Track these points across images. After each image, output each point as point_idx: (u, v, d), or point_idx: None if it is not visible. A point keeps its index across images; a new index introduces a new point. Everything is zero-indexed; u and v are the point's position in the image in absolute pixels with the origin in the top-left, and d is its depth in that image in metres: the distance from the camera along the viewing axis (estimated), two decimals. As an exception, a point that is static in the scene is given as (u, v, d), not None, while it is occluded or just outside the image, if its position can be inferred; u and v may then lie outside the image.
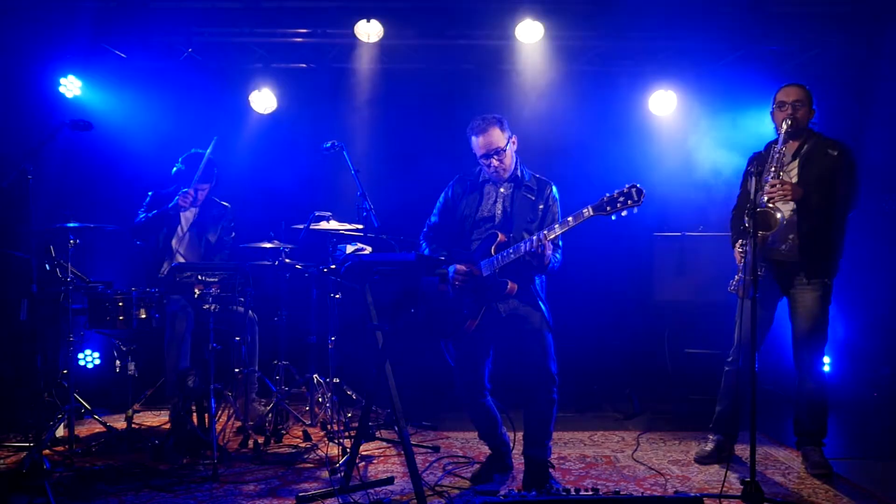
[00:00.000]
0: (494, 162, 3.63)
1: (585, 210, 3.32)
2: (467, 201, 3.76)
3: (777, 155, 3.84)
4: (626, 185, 3.24)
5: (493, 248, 3.54)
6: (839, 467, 3.88)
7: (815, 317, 3.88)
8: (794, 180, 3.82)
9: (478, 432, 3.89)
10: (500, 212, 3.69)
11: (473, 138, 3.65)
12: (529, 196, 3.67)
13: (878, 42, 5.39)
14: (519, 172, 3.72)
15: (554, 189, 3.73)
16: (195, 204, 4.89)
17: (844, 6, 5.41)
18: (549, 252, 3.43)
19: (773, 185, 3.76)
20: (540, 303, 3.63)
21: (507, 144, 3.63)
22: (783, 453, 4.22)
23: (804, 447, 3.97)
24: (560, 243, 3.63)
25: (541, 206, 3.66)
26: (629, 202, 3.23)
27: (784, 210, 3.80)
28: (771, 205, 3.75)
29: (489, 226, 3.69)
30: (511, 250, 3.46)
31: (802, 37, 5.70)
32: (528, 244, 3.42)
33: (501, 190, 3.71)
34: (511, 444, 3.87)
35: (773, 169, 3.82)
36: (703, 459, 4.06)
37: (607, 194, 3.28)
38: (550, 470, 3.72)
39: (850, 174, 3.85)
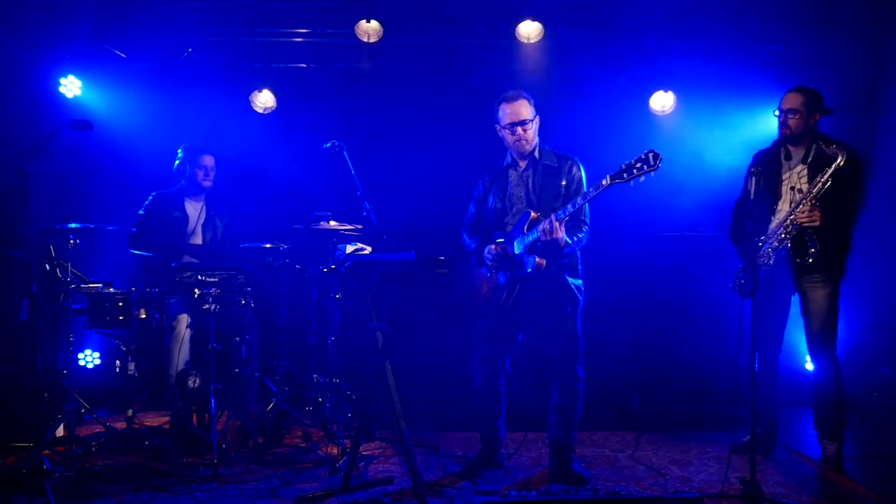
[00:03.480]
0: (519, 130, 3.72)
1: (604, 179, 3.39)
2: (496, 188, 3.88)
3: (795, 170, 3.97)
4: (644, 151, 3.31)
5: (526, 226, 3.63)
6: (839, 467, 3.89)
7: (828, 315, 3.95)
8: (805, 184, 3.90)
9: (477, 419, 3.91)
10: (523, 193, 3.79)
11: (503, 106, 3.77)
12: (551, 174, 3.76)
13: (883, 42, 5.38)
14: (537, 153, 3.80)
15: (578, 164, 3.81)
16: (207, 176, 4.96)
17: (844, 6, 5.40)
18: (560, 235, 3.47)
19: (803, 211, 3.85)
20: (575, 288, 3.71)
21: (533, 118, 3.75)
22: (784, 453, 4.22)
23: (822, 441, 4.03)
24: (587, 220, 3.73)
25: (563, 182, 3.75)
26: (646, 167, 3.30)
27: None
28: (806, 236, 3.86)
29: (516, 208, 3.80)
30: (536, 228, 3.53)
31: (802, 37, 5.70)
32: (542, 225, 3.49)
33: (521, 172, 3.82)
34: (504, 441, 3.93)
35: (798, 187, 3.92)
36: (738, 449, 4.11)
37: (625, 163, 3.34)
38: (572, 453, 3.79)
39: (857, 176, 3.89)
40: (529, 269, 3.57)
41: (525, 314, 3.74)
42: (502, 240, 3.73)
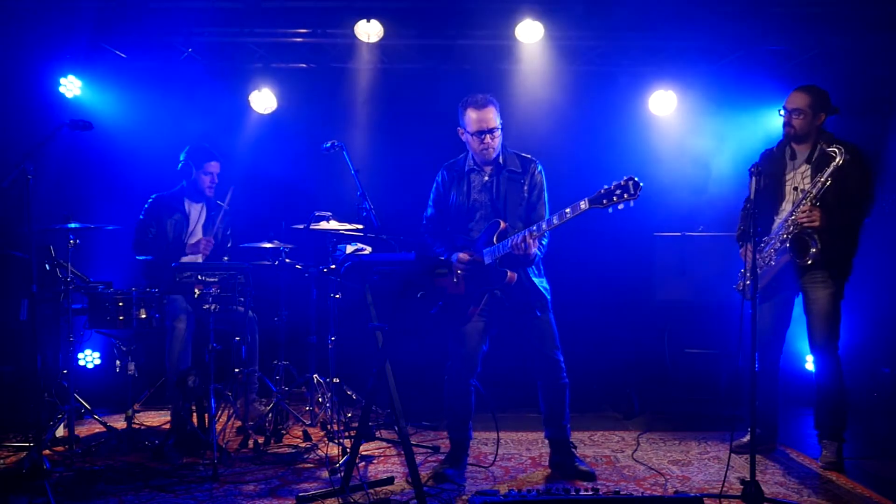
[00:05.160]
0: (487, 139, 3.67)
1: (582, 203, 3.33)
2: (457, 190, 3.83)
3: (799, 169, 3.97)
4: (624, 178, 3.24)
5: (495, 236, 3.59)
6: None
7: (830, 315, 3.95)
8: (807, 184, 3.88)
9: (447, 420, 3.88)
10: (487, 200, 3.76)
11: (470, 111, 3.68)
12: (515, 179, 3.73)
13: (888, 41, 5.37)
14: (501, 159, 3.76)
15: (539, 167, 3.78)
16: (210, 186, 4.95)
17: (844, 6, 5.40)
18: (532, 250, 3.47)
19: (803, 211, 3.83)
20: (543, 290, 3.71)
21: (500, 125, 3.70)
22: (784, 453, 4.22)
23: (822, 441, 4.02)
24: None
25: (526, 188, 3.73)
26: (625, 195, 3.22)
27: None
28: (805, 236, 3.85)
29: (479, 214, 3.76)
30: (507, 241, 3.51)
31: (802, 37, 5.70)
32: (513, 240, 3.47)
33: (485, 178, 3.77)
34: (472, 439, 3.93)
35: (801, 187, 3.90)
36: (738, 449, 4.13)
37: (604, 187, 3.28)
38: (573, 450, 3.85)
39: (861, 175, 3.88)
40: (501, 283, 3.56)
41: (496, 318, 3.74)
42: (472, 251, 3.66)
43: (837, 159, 3.75)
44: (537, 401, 3.90)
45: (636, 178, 3.22)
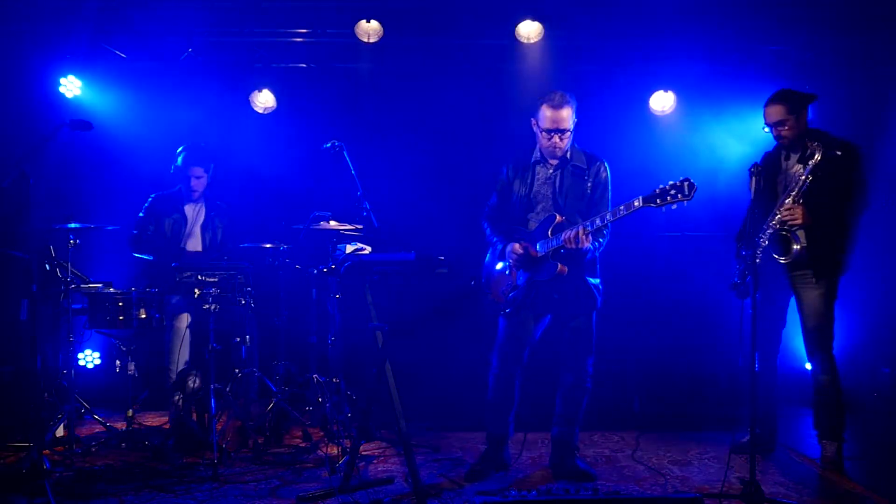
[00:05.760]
0: (556, 139, 3.70)
1: (636, 201, 3.36)
2: (520, 182, 3.85)
3: (791, 172, 3.94)
4: (680, 178, 3.26)
5: (550, 229, 3.62)
6: (839, 467, 3.89)
7: (821, 315, 3.94)
8: (801, 182, 3.85)
9: (487, 414, 3.88)
10: (549, 193, 3.78)
11: (546, 108, 3.71)
12: (579, 175, 3.75)
13: (886, 39, 5.37)
14: (568, 154, 3.78)
15: (605, 166, 3.80)
16: (193, 189, 4.92)
17: (843, 6, 5.40)
18: (585, 245, 3.47)
19: (787, 209, 3.82)
20: (595, 289, 3.75)
21: (573, 126, 3.73)
22: (784, 453, 4.22)
23: (822, 441, 4.02)
24: (607, 226, 3.67)
25: (589, 184, 3.75)
26: (679, 196, 3.26)
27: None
28: (786, 232, 3.84)
29: (541, 206, 3.79)
30: (561, 235, 3.52)
31: (802, 37, 5.69)
32: (566, 234, 3.48)
33: (549, 171, 3.80)
34: (511, 438, 3.91)
35: (790, 186, 3.89)
36: (738, 449, 4.12)
37: (660, 186, 3.31)
38: (577, 452, 3.87)
39: (856, 173, 3.87)
40: (551, 275, 3.58)
41: (544, 311, 3.78)
42: (526, 242, 3.71)
43: (816, 156, 3.75)
44: (540, 401, 3.90)
45: (691, 180, 3.24)
